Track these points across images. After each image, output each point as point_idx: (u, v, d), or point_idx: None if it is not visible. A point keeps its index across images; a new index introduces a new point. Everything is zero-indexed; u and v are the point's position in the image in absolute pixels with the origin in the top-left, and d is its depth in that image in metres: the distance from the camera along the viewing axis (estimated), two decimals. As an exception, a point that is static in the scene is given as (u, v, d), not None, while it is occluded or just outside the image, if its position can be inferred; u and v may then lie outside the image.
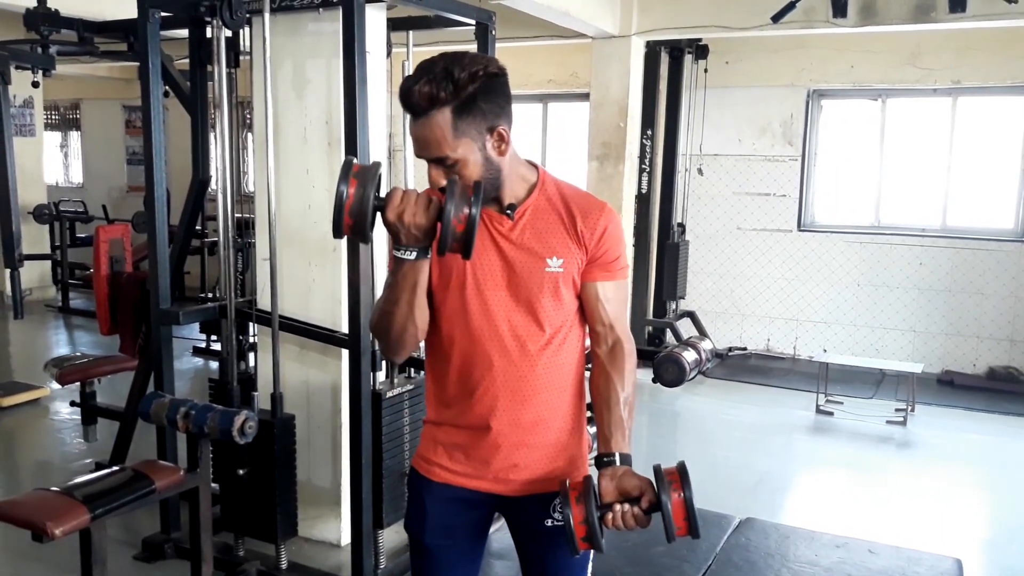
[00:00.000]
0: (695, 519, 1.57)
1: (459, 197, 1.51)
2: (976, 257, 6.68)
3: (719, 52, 6.96)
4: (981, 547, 4.02)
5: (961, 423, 5.80)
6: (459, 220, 1.51)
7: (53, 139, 11.49)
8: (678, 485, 1.58)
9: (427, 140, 1.62)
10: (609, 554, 3.42)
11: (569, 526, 1.57)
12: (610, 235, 1.75)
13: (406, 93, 1.62)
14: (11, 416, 5.45)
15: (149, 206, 3.43)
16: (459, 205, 1.51)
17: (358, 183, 1.53)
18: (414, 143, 1.65)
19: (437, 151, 1.62)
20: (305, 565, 3.40)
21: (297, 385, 3.51)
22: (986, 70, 6.50)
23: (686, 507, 1.57)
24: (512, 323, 1.72)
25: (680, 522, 1.57)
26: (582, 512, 1.57)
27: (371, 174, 1.55)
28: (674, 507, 1.57)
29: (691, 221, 7.19)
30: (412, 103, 1.61)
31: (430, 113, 1.60)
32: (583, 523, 1.56)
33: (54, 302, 8.93)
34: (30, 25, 4.64)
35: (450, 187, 1.53)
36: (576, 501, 1.58)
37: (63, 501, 2.58)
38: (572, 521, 1.57)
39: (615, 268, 1.77)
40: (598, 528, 1.57)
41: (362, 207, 1.53)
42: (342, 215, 1.53)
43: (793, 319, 7.34)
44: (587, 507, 1.57)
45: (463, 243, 1.53)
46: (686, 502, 1.57)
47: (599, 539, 1.57)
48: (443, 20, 3.67)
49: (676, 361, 5.58)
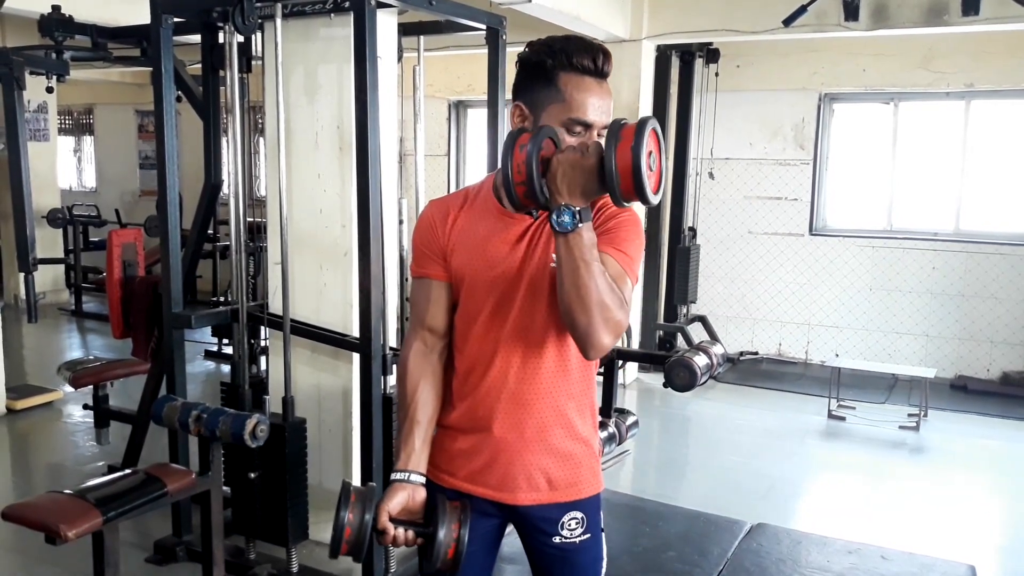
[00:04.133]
0: (641, 176, 1.44)
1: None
2: (989, 261, 6.64)
3: (730, 56, 6.95)
4: (995, 553, 3.99)
5: (974, 428, 5.76)
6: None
7: (67, 144, 11.58)
8: (629, 139, 1.45)
9: (608, 105, 1.63)
10: (621, 558, 3.42)
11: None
12: (622, 222, 1.67)
13: (599, 54, 1.62)
14: (25, 419, 5.49)
15: (162, 210, 3.45)
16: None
17: (356, 511, 1.63)
18: (596, 108, 1.62)
19: (608, 118, 1.62)
20: (316, 569, 3.40)
21: (308, 389, 3.52)
22: (999, 73, 6.46)
23: (632, 159, 1.43)
24: (520, 324, 1.70)
25: (626, 179, 1.45)
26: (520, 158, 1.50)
27: (369, 498, 1.65)
28: (619, 155, 1.44)
29: (702, 225, 7.18)
30: (602, 64, 1.62)
31: (607, 81, 1.63)
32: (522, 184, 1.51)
33: (67, 306, 8.98)
34: (44, 31, 4.67)
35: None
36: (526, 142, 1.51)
37: (76, 504, 2.60)
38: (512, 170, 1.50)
39: (619, 243, 1.65)
40: (537, 178, 1.50)
41: (360, 536, 1.63)
42: (340, 543, 1.63)
43: (805, 323, 7.31)
44: (529, 153, 1.49)
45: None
46: (633, 151, 1.43)
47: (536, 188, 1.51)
48: (454, 25, 3.68)
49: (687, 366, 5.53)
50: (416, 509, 1.70)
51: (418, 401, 1.76)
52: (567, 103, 1.61)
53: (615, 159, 1.44)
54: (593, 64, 1.60)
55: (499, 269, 1.70)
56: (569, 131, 1.61)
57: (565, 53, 1.60)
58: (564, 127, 1.61)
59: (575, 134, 1.61)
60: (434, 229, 1.77)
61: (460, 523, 1.63)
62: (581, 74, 1.61)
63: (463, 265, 1.73)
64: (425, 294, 1.79)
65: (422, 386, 1.77)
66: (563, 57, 1.60)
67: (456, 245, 1.75)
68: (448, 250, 1.75)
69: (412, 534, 1.67)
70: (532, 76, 1.65)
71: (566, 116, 1.61)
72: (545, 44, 1.64)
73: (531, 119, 1.65)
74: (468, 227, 1.74)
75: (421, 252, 1.79)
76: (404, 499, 1.69)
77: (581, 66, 1.60)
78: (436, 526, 1.62)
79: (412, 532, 1.67)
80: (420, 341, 1.80)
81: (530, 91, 1.65)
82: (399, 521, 1.67)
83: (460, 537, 1.62)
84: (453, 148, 8.79)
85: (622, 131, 1.46)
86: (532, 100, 1.65)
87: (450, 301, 1.79)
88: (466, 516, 1.65)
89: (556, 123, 1.61)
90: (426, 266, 1.78)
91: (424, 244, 1.78)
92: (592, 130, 1.62)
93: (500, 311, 1.71)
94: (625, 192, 1.46)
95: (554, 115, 1.62)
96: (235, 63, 3.34)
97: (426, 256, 1.78)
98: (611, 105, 1.64)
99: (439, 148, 8.60)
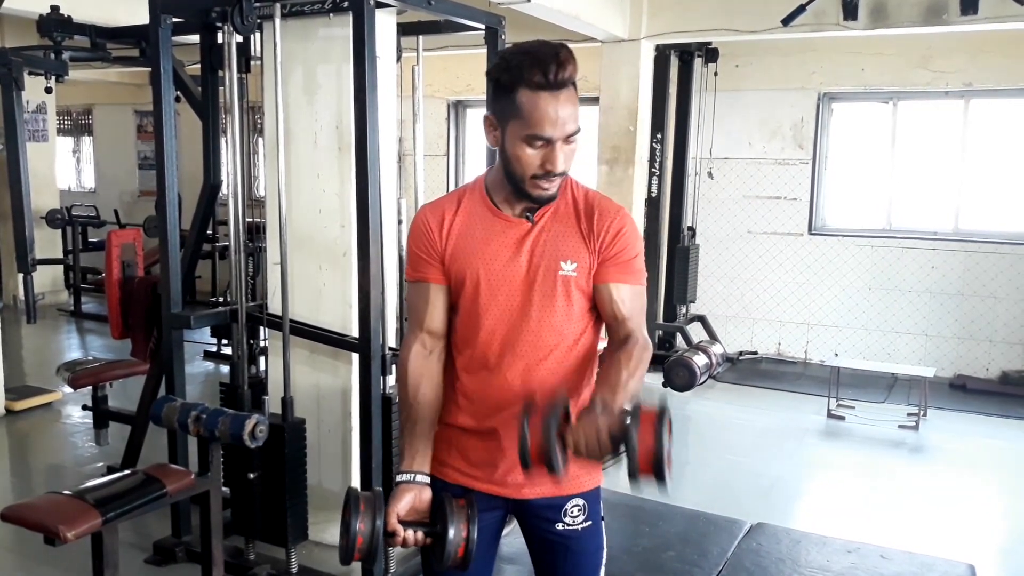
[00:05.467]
0: (662, 464, 1.47)
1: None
2: (989, 260, 6.64)
3: (729, 55, 6.95)
4: (994, 553, 3.99)
5: (974, 428, 5.76)
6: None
7: (66, 144, 11.57)
8: (651, 424, 1.47)
9: (569, 113, 1.62)
10: (621, 558, 3.41)
11: (523, 442, 1.50)
12: (625, 236, 1.73)
13: (555, 60, 1.58)
14: (24, 420, 5.48)
15: (161, 210, 3.45)
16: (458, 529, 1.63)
17: (366, 520, 1.62)
18: (551, 121, 1.60)
19: (575, 123, 1.63)
20: (316, 569, 3.39)
21: (308, 389, 3.52)
22: (998, 72, 6.47)
23: (654, 451, 1.46)
24: (524, 327, 1.73)
25: (645, 465, 1.47)
26: (538, 433, 1.49)
27: (377, 504, 1.65)
28: (641, 446, 1.46)
29: (701, 225, 7.17)
30: (555, 76, 1.58)
31: (570, 85, 1.62)
32: (541, 444, 1.48)
33: (66, 306, 8.97)
34: (43, 31, 4.67)
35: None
36: (539, 422, 1.50)
37: (75, 505, 2.60)
38: (527, 440, 1.49)
39: (630, 269, 1.74)
40: (555, 452, 1.48)
41: (372, 543, 1.63)
42: (353, 553, 1.62)
43: (804, 323, 7.31)
44: (546, 428, 1.48)
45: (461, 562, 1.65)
46: (655, 443, 1.46)
47: (556, 462, 1.49)
48: (453, 25, 3.68)
49: (687, 365, 5.57)
50: (423, 509, 1.71)
51: (420, 402, 1.77)
52: (524, 120, 1.62)
53: (638, 459, 1.47)
54: (545, 78, 1.59)
55: (503, 271, 1.73)
56: (530, 145, 1.63)
57: (519, 69, 1.60)
58: (524, 142, 1.63)
59: (536, 148, 1.63)
60: (430, 233, 1.77)
61: (468, 521, 1.64)
62: (535, 90, 1.60)
63: (463, 267, 1.75)
64: (423, 297, 1.80)
65: (423, 387, 1.78)
66: (517, 73, 1.61)
67: (454, 248, 1.76)
68: (446, 253, 1.76)
69: (421, 535, 1.68)
70: (496, 90, 1.67)
71: (524, 132, 1.63)
72: (503, 59, 1.65)
73: (500, 130, 1.67)
74: (465, 230, 1.76)
75: (417, 256, 1.80)
76: (411, 500, 1.70)
77: (534, 83, 1.60)
78: (445, 525, 1.63)
79: (421, 533, 1.68)
80: (419, 344, 1.81)
81: (497, 104, 1.67)
82: (407, 522, 1.68)
83: (469, 535, 1.63)
84: (452, 148, 8.79)
85: (640, 434, 1.48)
86: (499, 113, 1.67)
87: (447, 303, 1.80)
88: (473, 513, 1.66)
89: (518, 138, 1.63)
90: (423, 270, 1.79)
91: (420, 248, 1.79)
92: (554, 143, 1.62)
93: (506, 312, 1.73)
94: (645, 479, 1.50)
95: (515, 130, 1.64)
96: (234, 63, 3.34)
97: (422, 260, 1.79)
98: (575, 111, 1.64)
99: (438, 148, 8.60)
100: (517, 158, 1.65)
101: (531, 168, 1.64)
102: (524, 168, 1.65)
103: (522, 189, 1.68)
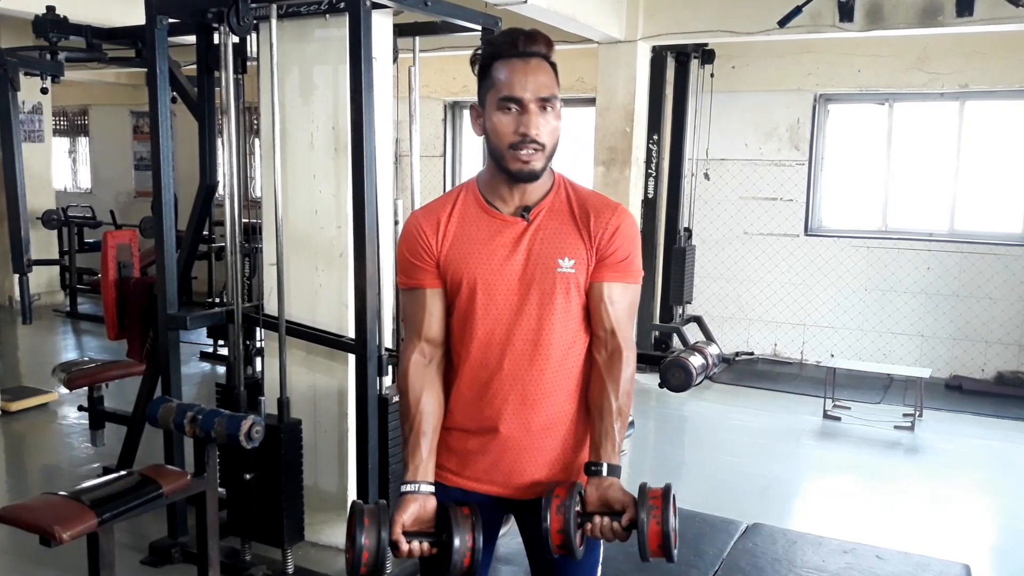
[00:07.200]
0: (669, 546, 1.59)
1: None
2: (984, 261, 6.66)
3: (725, 57, 6.96)
4: (989, 553, 4.00)
5: (969, 428, 5.77)
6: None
7: (62, 145, 11.55)
8: (658, 510, 1.59)
9: (539, 80, 1.68)
10: (616, 559, 3.42)
11: (546, 533, 1.60)
12: (622, 234, 1.74)
13: (524, 34, 1.71)
14: (19, 420, 5.47)
15: (157, 211, 3.45)
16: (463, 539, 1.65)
17: (371, 535, 1.62)
18: (519, 83, 1.67)
19: (548, 90, 1.68)
20: (312, 570, 3.39)
21: (304, 390, 3.52)
22: (993, 74, 6.48)
23: (662, 534, 1.58)
24: (523, 326, 1.73)
25: (655, 547, 1.59)
26: (560, 522, 1.60)
27: (382, 518, 1.65)
28: (651, 531, 1.58)
29: (698, 226, 7.18)
30: (532, 44, 1.69)
31: (541, 58, 1.70)
32: (560, 532, 1.60)
33: (62, 307, 8.96)
34: (39, 32, 4.66)
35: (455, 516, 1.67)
36: (556, 511, 1.61)
37: (71, 505, 2.59)
38: (550, 529, 1.60)
39: (625, 269, 1.75)
40: (574, 538, 1.60)
41: (377, 558, 1.63)
42: (359, 568, 1.63)
43: (800, 324, 7.32)
44: (566, 517, 1.60)
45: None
46: (662, 528, 1.58)
47: (575, 548, 1.61)
48: (449, 26, 3.68)
49: (683, 366, 5.56)
50: (427, 519, 1.71)
51: (422, 412, 1.77)
52: (498, 88, 1.69)
53: (648, 545, 1.60)
54: (515, 47, 1.68)
55: (501, 272, 1.73)
56: (503, 111, 1.68)
57: (493, 45, 1.73)
58: (499, 109, 1.68)
59: (510, 114, 1.67)
60: (425, 238, 1.77)
61: (474, 530, 1.65)
62: (507, 58, 1.69)
63: (460, 269, 1.74)
64: (419, 304, 1.79)
65: (425, 397, 1.78)
66: (492, 49, 1.71)
67: (450, 250, 1.76)
68: (442, 258, 1.76)
69: (427, 545, 1.68)
70: (480, 78, 1.74)
71: (497, 97, 1.68)
72: (483, 43, 1.78)
73: (483, 116, 1.72)
74: (461, 233, 1.76)
75: (410, 263, 1.79)
76: (416, 510, 1.70)
77: (505, 53, 1.69)
78: (451, 535, 1.63)
79: (427, 543, 1.68)
80: (418, 353, 1.80)
81: (480, 89, 1.74)
82: (412, 533, 1.68)
83: (475, 544, 1.64)
84: (449, 149, 8.79)
85: (652, 520, 1.59)
86: (482, 99, 1.73)
87: (444, 308, 1.80)
88: (478, 521, 1.66)
89: (493, 108, 1.69)
90: (417, 276, 1.79)
91: (413, 254, 1.78)
92: (527, 108, 1.67)
93: (504, 312, 1.73)
94: (654, 558, 1.61)
95: (491, 101, 1.69)
96: (230, 64, 3.33)
97: (416, 266, 1.79)
98: (548, 81, 1.70)
99: (435, 149, 8.61)
100: (494, 130, 1.69)
101: (507, 136, 1.68)
102: (501, 138, 1.69)
103: (504, 167, 1.70)
